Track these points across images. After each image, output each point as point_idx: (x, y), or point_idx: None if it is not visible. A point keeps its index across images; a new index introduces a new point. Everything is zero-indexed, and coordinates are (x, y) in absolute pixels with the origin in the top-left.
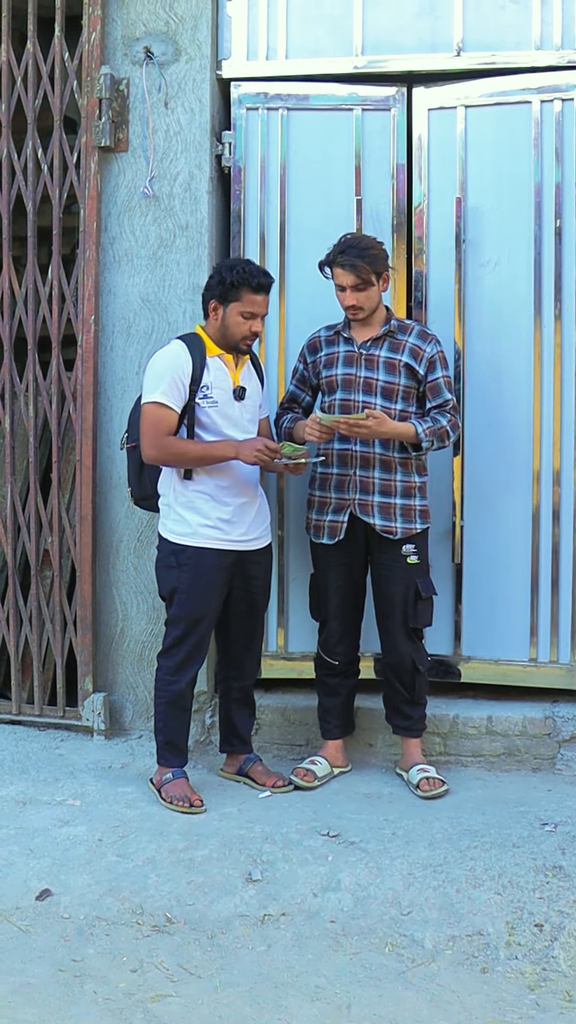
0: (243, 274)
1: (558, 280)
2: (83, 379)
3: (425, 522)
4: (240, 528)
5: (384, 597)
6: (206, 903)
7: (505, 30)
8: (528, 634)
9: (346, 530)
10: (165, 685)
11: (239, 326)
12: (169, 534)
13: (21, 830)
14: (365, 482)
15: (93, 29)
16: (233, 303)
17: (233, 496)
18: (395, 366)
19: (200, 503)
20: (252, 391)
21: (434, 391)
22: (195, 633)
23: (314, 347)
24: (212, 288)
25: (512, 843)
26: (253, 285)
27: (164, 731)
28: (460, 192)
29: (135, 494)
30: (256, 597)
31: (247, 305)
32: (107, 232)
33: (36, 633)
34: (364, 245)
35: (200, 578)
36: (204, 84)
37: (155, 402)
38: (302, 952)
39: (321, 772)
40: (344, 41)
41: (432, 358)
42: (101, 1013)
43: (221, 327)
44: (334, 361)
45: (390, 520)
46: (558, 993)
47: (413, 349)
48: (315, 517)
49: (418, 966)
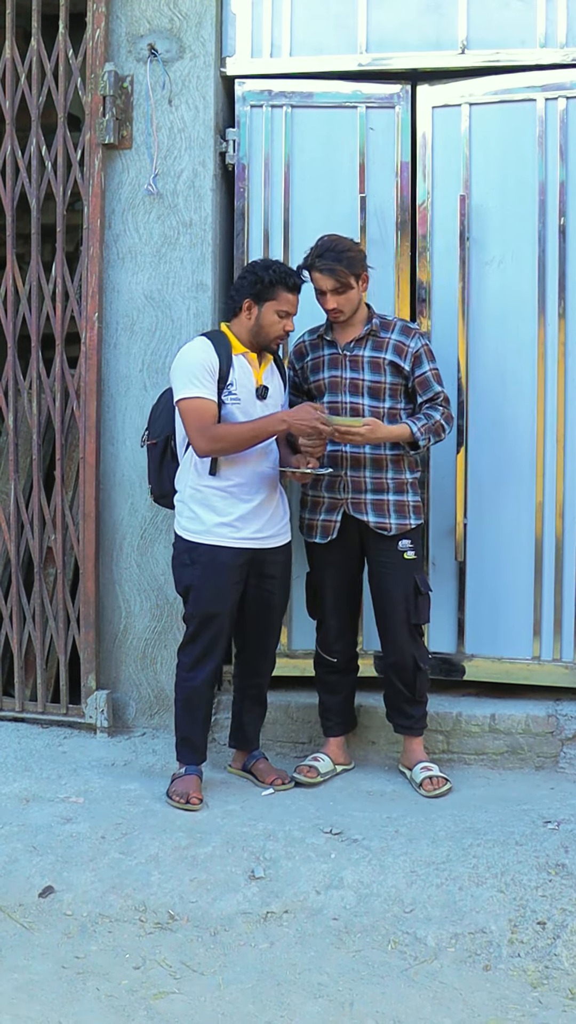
0: (279, 273)
1: (562, 278)
2: (87, 376)
3: (419, 517)
4: (255, 525)
5: (384, 595)
6: (209, 900)
7: (509, 28)
8: (531, 632)
9: (339, 528)
10: (182, 682)
11: (274, 325)
12: (183, 531)
13: (24, 827)
14: (357, 482)
15: (97, 26)
16: (269, 302)
17: (250, 493)
18: (380, 365)
19: (216, 500)
20: (274, 391)
21: (423, 385)
22: (209, 631)
23: (300, 352)
24: (246, 288)
25: (515, 841)
26: (289, 284)
27: (180, 728)
28: (464, 190)
29: (155, 491)
30: (272, 596)
31: (283, 304)
32: (111, 229)
33: (39, 630)
34: (341, 248)
35: (213, 576)
36: (208, 81)
37: (193, 396)
38: (305, 949)
39: (324, 769)
40: (348, 38)
41: (417, 352)
42: (104, 1010)
43: (255, 326)
44: (320, 365)
45: (383, 516)
46: (561, 991)
47: (396, 345)
48: (308, 516)
49: (421, 964)
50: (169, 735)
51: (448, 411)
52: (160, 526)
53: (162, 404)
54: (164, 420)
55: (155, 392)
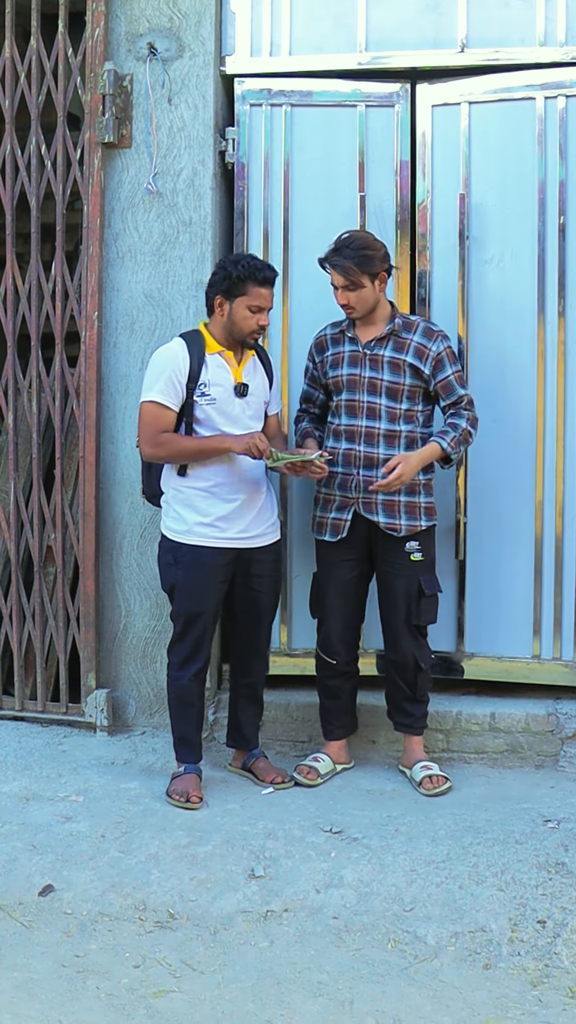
0: (248, 268)
1: (562, 277)
2: (86, 375)
3: (431, 519)
4: (239, 525)
5: (388, 594)
6: (209, 899)
7: (509, 26)
8: (531, 631)
9: (350, 528)
10: (173, 681)
11: (246, 320)
12: (167, 531)
13: (24, 826)
14: (369, 482)
15: (97, 25)
16: (239, 297)
17: (232, 493)
18: (399, 366)
19: (198, 500)
20: (256, 388)
21: (446, 389)
22: (194, 630)
23: (321, 346)
24: (217, 284)
25: (515, 840)
26: (259, 279)
27: (176, 727)
28: (464, 189)
29: (145, 491)
30: (259, 595)
31: (254, 299)
32: (110, 228)
33: (39, 629)
34: (358, 245)
35: (195, 576)
36: (208, 80)
37: (151, 401)
38: (304, 948)
39: (324, 769)
40: (348, 37)
41: (439, 356)
42: (104, 1009)
43: (228, 323)
44: (339, 361)
45: (394, 517)
46: (561, 989)
47: (418, 348)
48: (319, 514)
49: (421, 962)
50: (169, 734)
51: (473, 414)
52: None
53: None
54: None
55: None
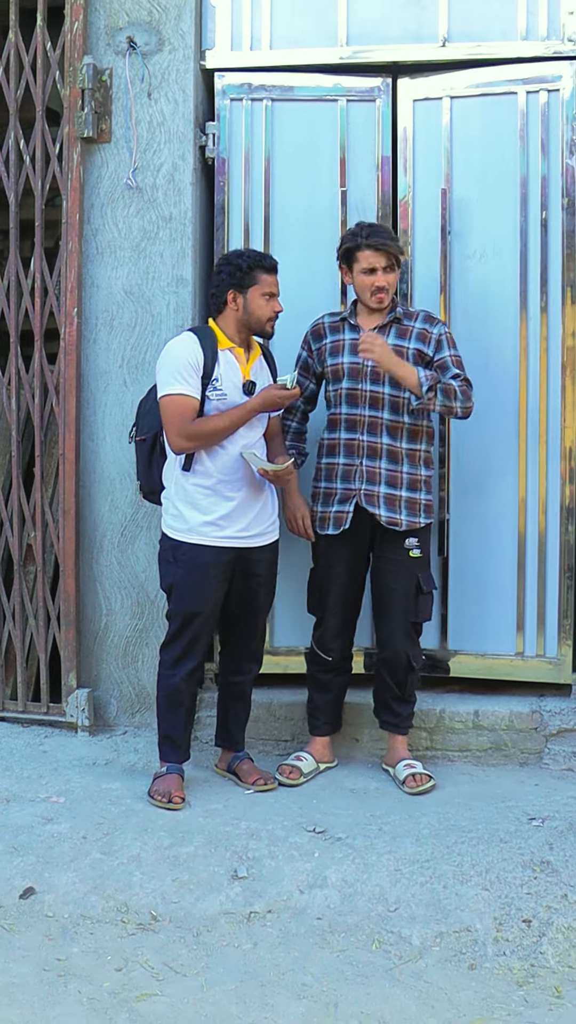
0: (254, 257)
1: (544, 272)
2: (66, 372)
3: (429, 516)
4: (240, 524)
5: (385, 591)
6: (191, 900)
7: (491, 21)
8: (515, 628)
9: (351, 521)
10: (163, 679)
11: (263, 308)
12: (168, 529)
13: (4, 827)
14: (371, 472)
15: (76, 19)
16: (252, 287)
17: (233, 490)
18: (403, 353)
19: (199, 498)
20: (262, 386)
21: (443, 368)
22: (190, 629)
23: (318, 334)
24: (225, 280)
25: (499, 838)
26: (266, 266)
27: (162, 725)
28: (446, 183)
29: (144, 487)
30: (257, 595)
31: (265, 286)
32: (90, 224)
33: (19, 628)
34: (386, 228)
35: (195, 575)
36: (188, 74)
37: (175, 393)
38: (288, 950)
39: (307, 768)
40: (329, 31)
41: (439, 338)
42: (86, 1012)
43: (244, 314)
44: (339, 349)
45: (395, 512)
46: (546, 989)
47: (420, 333)
48: (321, 509)
49: (405, 963)
50: (151, 734)
51: (468, 391)
52: (140, 523)
53: (151, 400)
54: (153, 416)
55: (135, 388)
